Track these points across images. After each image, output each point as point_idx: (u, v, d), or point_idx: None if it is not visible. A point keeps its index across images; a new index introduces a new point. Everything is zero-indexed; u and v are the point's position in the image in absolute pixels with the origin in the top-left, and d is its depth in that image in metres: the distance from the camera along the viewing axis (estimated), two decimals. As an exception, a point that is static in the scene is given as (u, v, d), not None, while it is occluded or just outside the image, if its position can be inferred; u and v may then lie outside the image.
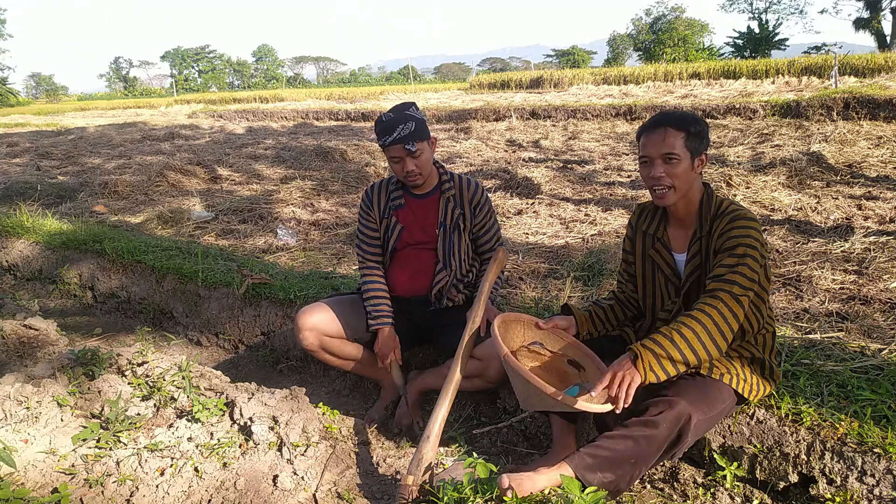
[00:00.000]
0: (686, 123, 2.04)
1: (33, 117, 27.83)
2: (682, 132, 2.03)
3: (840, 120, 10.51)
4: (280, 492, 2.10)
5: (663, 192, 2.06)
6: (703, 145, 2.06)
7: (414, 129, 2.52)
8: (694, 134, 2.03)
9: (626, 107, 13.76)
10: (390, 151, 2.56)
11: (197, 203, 6.92)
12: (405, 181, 2.65)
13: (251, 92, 40.93)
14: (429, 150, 2.61)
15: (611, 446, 1.91)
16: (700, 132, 2.05)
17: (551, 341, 2.30)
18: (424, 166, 2.60)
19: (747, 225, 1.98)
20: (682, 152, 2.03)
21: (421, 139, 2.55)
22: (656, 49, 53.59)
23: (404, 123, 2.51)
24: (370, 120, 17.84)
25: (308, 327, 2.64)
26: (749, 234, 1.96)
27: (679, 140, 2.03)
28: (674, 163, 2.03)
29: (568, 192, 6.81)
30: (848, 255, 4.14)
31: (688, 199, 2.10)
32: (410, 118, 2.53)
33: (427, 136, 2.59)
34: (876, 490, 1.92)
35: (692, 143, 2.04)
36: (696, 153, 2.05)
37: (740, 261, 1.94)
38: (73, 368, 2.76)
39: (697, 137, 2.04)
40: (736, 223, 1.99)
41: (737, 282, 1.92)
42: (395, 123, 2.52)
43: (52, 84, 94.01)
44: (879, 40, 39.90)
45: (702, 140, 2.05)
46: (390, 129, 2.52)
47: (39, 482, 2.11)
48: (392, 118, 2.54)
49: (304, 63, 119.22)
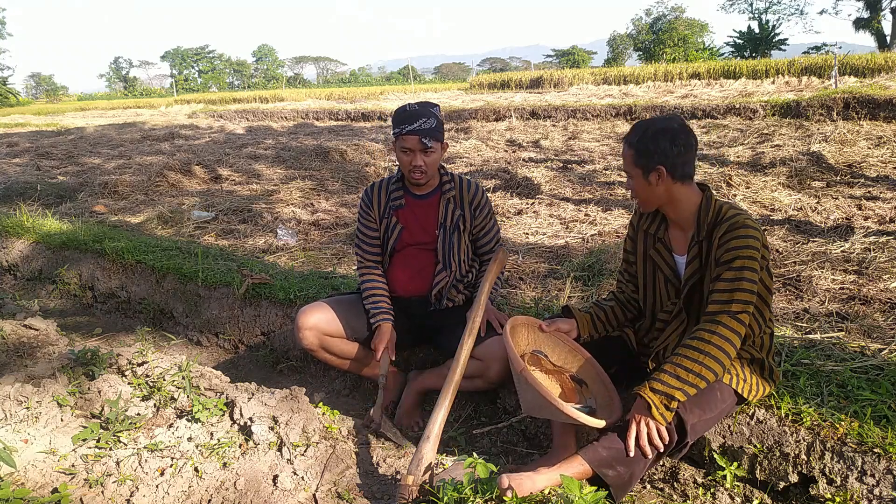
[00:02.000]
0: (634, 138, 2.02)
1: (33, 117, 27.81)
2: (631, 149, 2.03)
3: (840, 120, 10.51)
4: (280, 492, 2.10)
5: (638, 202, 2.11)
6: (654, 161, 1.99)
7: (434, 126, 2.54)
8: (640, 151, 2.00)
9: (626, 107, 13.76)
10: (405, 141, 2.55)
11: (197, 203, 6.91)
12: (409, 176, 2.64)
13: (251, 92, 40.93)
14: (440, 153, 2.62)
15: (617, 444, 1.93)
16: (645, 149, 1.99)
17: (552, 347, 2.31)
18: (432, 166, 2.61)
19: (746, 234, 1.95)
20: (632, 170, 2.04)
21: (437, 139, 2.57)
22: (656, 49, 53.57)
23: (427, 118, 2.53)
24: (370, 120, 17.84)
25: (308, 327, 2.64)
26: (748, 243, 1.94)
27: (629, 157, 2.04)
28: (630, 179, 2.07)
29: (568, 192, 6.81)
30: (848, 255, 4.14)
31: (674, 206, 2.08)
32: (433, 116, 2.56)
33: (442, 138, 2.62)
34: (876, 490, 1.92)
35: (640, 160, 2.00)
36: (647, 169, 2.00)
37: (738, 275, 1.92)
38: (73, 368, 2.76)
39: (644, 155, 1.99)
40: (735, 232, 1.96)
41: (735, 299, 1.92)
42: (419, 115, 2.53)
43: (52, 84, 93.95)
44: (879, 40, 39.89)
45: (650, 156, 1.98)
46: (412, 118, 2.53)
47: (39, 482, 2.11)
48: (416, 109, 2.55)
49: (304, 63, 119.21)
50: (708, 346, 1.90)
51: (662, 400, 1.88)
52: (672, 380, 1.89)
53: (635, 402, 1.94)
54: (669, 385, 1.88)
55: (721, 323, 1.91)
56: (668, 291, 2.20)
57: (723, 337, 1.90)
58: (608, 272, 3.94)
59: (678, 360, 1.91)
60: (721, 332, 1.90)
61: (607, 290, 3.67)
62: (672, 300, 2.18)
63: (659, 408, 1.87)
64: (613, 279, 3.74)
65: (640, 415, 1.90)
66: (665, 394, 1.88)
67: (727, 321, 1.91)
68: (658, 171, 2.00)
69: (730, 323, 1.91)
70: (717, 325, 1.91)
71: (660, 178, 2.01)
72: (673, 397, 1.88)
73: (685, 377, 1.88)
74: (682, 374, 1.89)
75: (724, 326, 1.91)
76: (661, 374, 1.91)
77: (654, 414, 1.88)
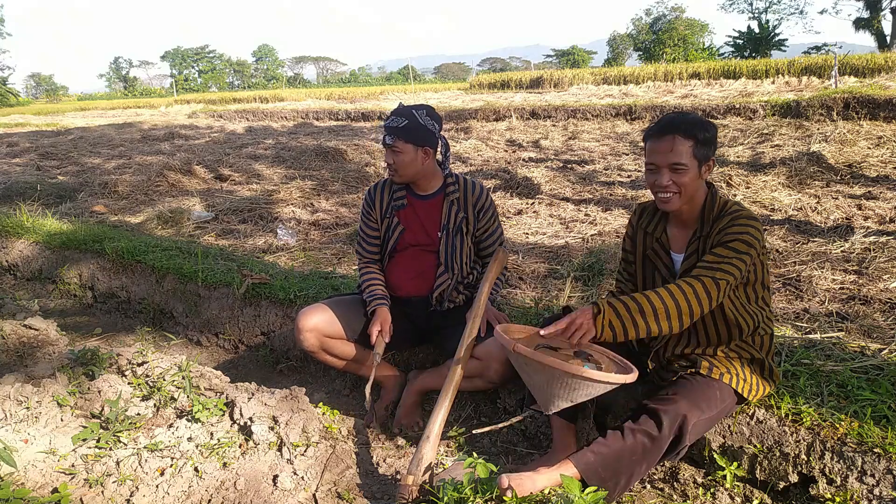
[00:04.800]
0: (694, 130, 1.99)
1: (33, 117, 27.80)
2: (690, 140, 1.99)
3: (840, 120, 10.51)
4: (280, 492, 2.10)
5: (668, 197, 2.05)
6: (711, 151, 2.03)
7: (402, 126, 2.54)
8: (702, 141, 1.99)
9: (626, 107, 13.76)
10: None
11: (197, 203, 6.91)
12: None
13: (251, 92, 40.92)
14: (413, 155, 2.57)
15: (613, 445, 1.92)
16: (708, 139, 2.01)
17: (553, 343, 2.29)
18: (402, 167, 2.59)
19: (747, 223, 1.98)
20: (690, 161, 1.99)
21: (406, 140, 2.54)
22: (656, 49, 53.58)
23: (402, 117, 2.55)
24: (370, 120, 17.84)
25: (308, 328, 2.64)
26: (747, 230, 1.96)
27: (687, 148, 1.99)
28: (681, 172, 2.00)
29: (568, 192, 6.81)
30: (848, 255, 4.14)
31: (695, 201, 2.09)
32: (410, 117, 2.55)
33: (418, 141, 2.56)
34: (876, 490, 1.92)
35: (700, 150, 2.00)
36: (704, 160, 2.02)
37: (731, 253, 1.95)
38: (73, 368, 2.76)
39: (706, 144, 2.00)
40: (736, 221, 1.99)
41: (721, 268, 1.93)
42: (395, 113, 2.58)
43: (52, 84, 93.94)
44: (879, 40, 39.88)
45: (710, 146, 2.02)
46: (390, 115, 2.58)
47: (39, 482, 2.11)
48: (398, 108, 2.59)
49: (304, 63, 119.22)
50: (678, 293, 1.90)
51: (611, 318, 1.89)
52: (632, 303, 1.90)
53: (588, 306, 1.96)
54: (627, 310, 1.89)
55: (698, 279, 1.92)
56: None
57: (694, 291, 1.91)
58: (608, 272, 3.94)
59: (650, 295, 1.91)
60: (695, 287, 1.91)
61: (607, 290, 3.67)
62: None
63: (606, 318, 1.89)
64: (613, 279, 3.74)
65: (584, 316, 1.91)
66: (617, 312, 1.89)
67: (707, 282, 1.92)
68: (710, 162, 2.04)
69: (708, 284, 1.91)
70: (694, 281, 1.93)
71: (708, 171, 2.05)
72: (622, 324, 1.89)
73: (645, 307, 1.89)
74: (645, 309, 1.89)
75: (700, 284, 1.92)
76: (624, 297, 1.93)
77: (598, 322, 1.90)
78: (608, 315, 1.89)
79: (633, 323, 1.89)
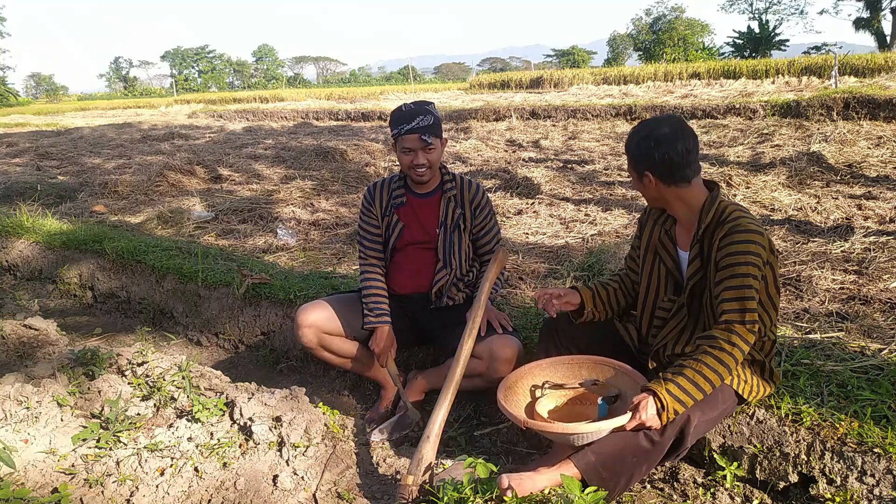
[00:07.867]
0: (627, 143, 2.10)
1: (33, 117, 27.79)
2: (626, 153, 2.12)
3: (840, 120, 10.50)
4: (280, 492, 2.10)
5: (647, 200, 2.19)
6: (641, 166, 2.05)
7: (432, 123, 2.56)
8: (630, 157, 2.09)
9: (626, 107, 13.75)
10: (405, 141, 2.57)
11: (197, 203, 6.91)
12: (411, 174, 2.65)
13: (251, 92, 40.92)
14: (440, 149, 2.64)
15: (614, 445, 1.92)
16: (633, 155, 2.06)
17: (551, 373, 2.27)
18: (434, 163, 2.63)
19: (747, 239, 1.94)
20: (630, 172, 2.12)
21: (436, 135, 2.59)
22: (656, 49, 53.56)
23: (424, 115, 2.55)
24: (370, 120, 17.83)
25: (307, 324, 2.65)
26: (748, 248, 1.93)
27: (630, 161, 2.11)
28: (632, 181, 2.15)
29: (568, 192, 6.81)
30: (848, 255, 4.14)
31: (672, 207, 2.11)
32: (430, 113, 2.57)
33: (441, 134, 2.63)
34: (876, 490, 1.92)
35: (635, 164, 2.08)
36: (640, 173, 2.07)
37: (743, 282, 1.92)
38: (73, 368, 2.76)
39: (634, 160, 2.08)
40: (734, 237, 1.95)
41: (747, 308, 1.91)
42: (416, 114, 2.55)
43: (52, 84, 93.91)
44: (879, 40, 39.89)
45: (638, 162, 2.05)
46: (410, 118, 2.55)
47: (39, 482, 2.11)
48: (413, 109, 2.57)
49: (304, 63, 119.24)
50: (723, 355, 1.90)
51: (675, 406, 1.87)
52: (689, 386, 1.88)
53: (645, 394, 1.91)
54: (685, 391, 1.88)
55: (736, 332, 1.91)
56: (667, 284, 2.20)
57: (736, 346, 1.91)
58: (608, 272, 3.94)
59: (697, 366, 1.90)
60: (736, 342, 1.91)
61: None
62: (670, 295, 2.18)
63: (669, 412, 1.87)
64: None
65: (652, 419, 1.88)
66: (679, 400, 1.87)
67: (741, 331, 1.91)
68: (647, 176, 2.05)
69: (744, 334, 1.91)
70: (731, 335, 1.91)
71: (650, 183, 2.06)
72: (685, 404, 1.88)
73: (701, 384, 1.89)
74: (699, 382, 1.89)
75: (738, 336, 1.91)
76: (679, 378, 1.89)
77: (663, 417, 1.88)
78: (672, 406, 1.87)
79: (694, 398, 1.90)
